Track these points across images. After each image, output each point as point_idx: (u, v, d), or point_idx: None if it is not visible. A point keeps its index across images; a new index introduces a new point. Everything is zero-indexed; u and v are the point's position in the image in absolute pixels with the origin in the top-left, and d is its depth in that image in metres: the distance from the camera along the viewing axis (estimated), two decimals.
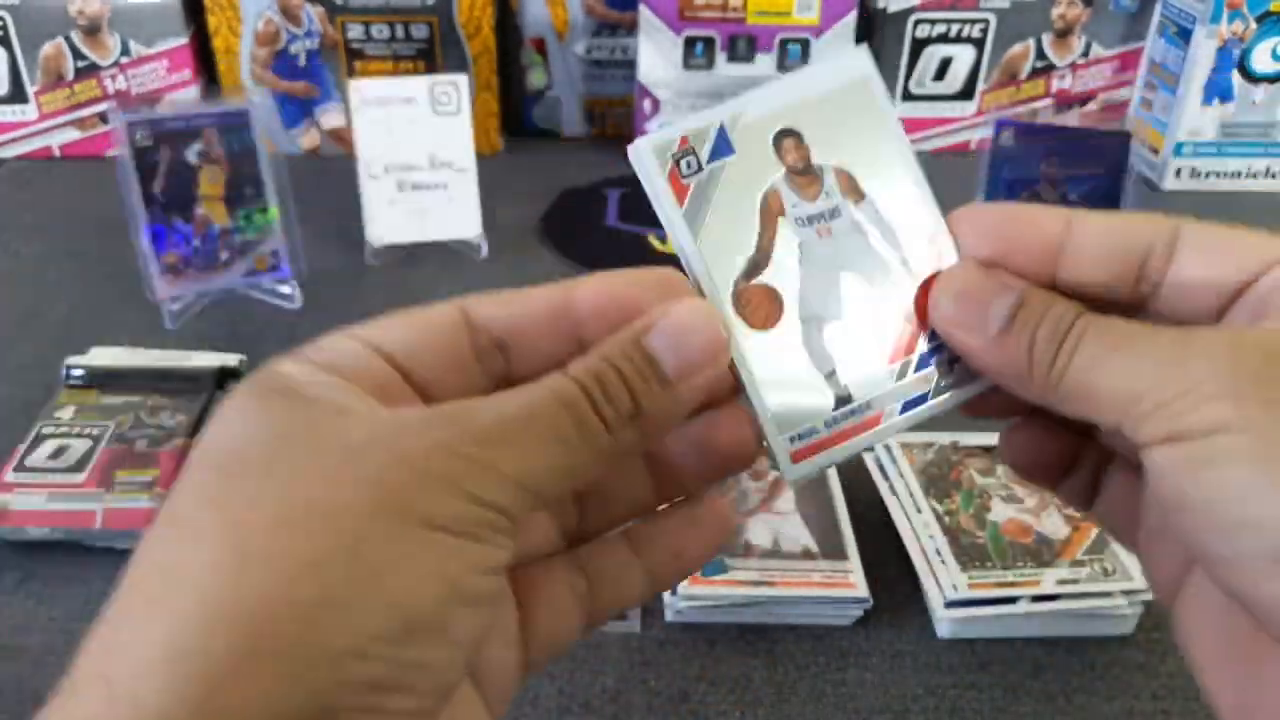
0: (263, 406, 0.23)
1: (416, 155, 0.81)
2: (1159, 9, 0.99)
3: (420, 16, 0.97)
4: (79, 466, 0.59)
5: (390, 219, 0.82)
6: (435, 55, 0.99)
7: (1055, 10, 1.00)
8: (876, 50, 1.00)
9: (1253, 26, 0.92)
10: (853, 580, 0.52)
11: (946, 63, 1.02)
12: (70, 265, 0.83)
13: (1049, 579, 0.51)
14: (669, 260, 0.27)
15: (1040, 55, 1.03)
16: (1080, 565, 0.52)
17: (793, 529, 0.55)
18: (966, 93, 1.03)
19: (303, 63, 0.99)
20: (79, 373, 0.65)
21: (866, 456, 0.60)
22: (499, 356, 0.27)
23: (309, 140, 1.03)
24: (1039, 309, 0.26)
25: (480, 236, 0.84)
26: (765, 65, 0.97)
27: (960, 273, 0.28)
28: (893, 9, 0.99)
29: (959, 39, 1.00)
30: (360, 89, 0.79)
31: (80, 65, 0.97)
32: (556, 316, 0.26)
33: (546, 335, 0.26)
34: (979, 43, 1.01)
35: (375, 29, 0.97)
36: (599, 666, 0.50)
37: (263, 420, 0.23)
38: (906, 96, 1.03)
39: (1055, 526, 0.55)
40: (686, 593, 0.51)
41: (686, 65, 0.98)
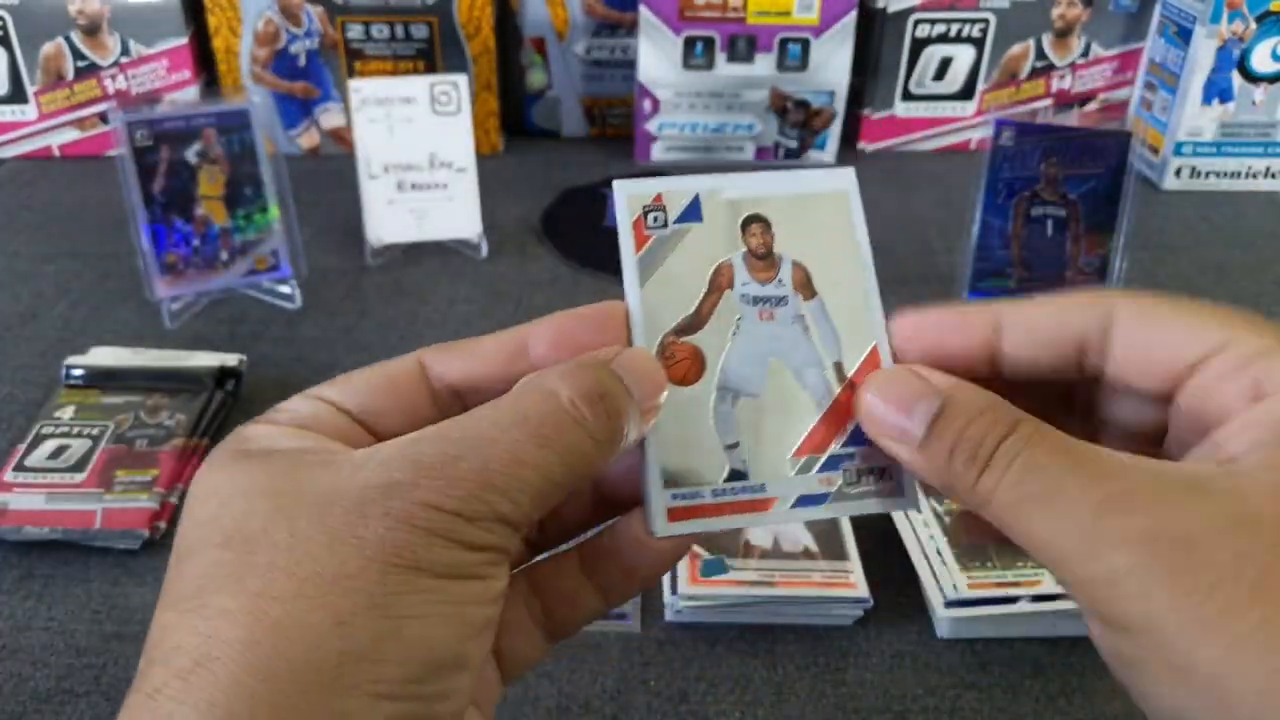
0: (245, 470, 0.24)
1: (416, 155, 0.81)
2: (1159, 9, 0.99)
3: (420, 16, 0.97)
4: (79, 466, 0.59)
5: (390, 219, 0.82)
6: (435, 55, 0.99)
7: (1055, 10, 1.00)
8: (876, 50, 1.01)
9: (1253, 26, 0.92)
10: (853, 580, 0.52)
11: (946, 63, 1.02)
12: (70, 265, 0.83)
13: (1049, 579, 0.51)
14: None
15: (1040, 55, 1.03)
16: None
17: (793, 529, 0.55)
18: (966, 93, 1.03)
19: (303, 63, 0.99)
20: (79, 372, 0.65)
21: None
22: (457, 404, 0.28)
23: (309, 140, 1.03)
24: (959, 420, 0.25)
25: (480, 236, 0.84)
26: (765, 65, 0.97)
27: (886, 374, 0.28)
28: (893, 9, 0.98)
29: (959, 39, 1.00)
30: (360, 89, 0.79)
31: (80, 65, 0.97)
32: (512, 361, 0.28)
33: (502, 380, 0.27)
34: (979, 43, 1.01)
35: (375, 29, 0.97)
36: (599, 666, 0.50)
37: (249, 485, 0.24)
38: (906, 96, 1.03)
39: None
40: (686, 593, 0.51)
41: (686, 65, 0.98)
